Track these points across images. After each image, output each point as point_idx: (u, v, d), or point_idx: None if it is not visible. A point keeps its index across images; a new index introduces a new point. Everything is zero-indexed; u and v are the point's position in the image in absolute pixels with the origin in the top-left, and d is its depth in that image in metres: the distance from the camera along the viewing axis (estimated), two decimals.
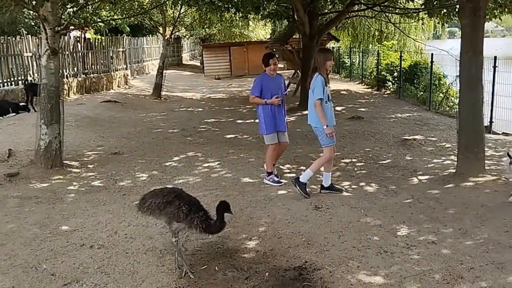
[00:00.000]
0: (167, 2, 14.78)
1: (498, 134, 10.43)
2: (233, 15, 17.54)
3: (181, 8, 16.82)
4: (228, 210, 4.08)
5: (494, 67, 10.60)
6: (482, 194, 5.79)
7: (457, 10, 8.71)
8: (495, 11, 11.59)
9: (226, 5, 14.15)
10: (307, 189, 5.97)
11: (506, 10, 11.28)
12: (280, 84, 6.68)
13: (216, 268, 4.17)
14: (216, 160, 7.89)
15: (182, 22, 21.46)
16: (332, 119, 5.93)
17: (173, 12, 17.89)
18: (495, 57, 10.72)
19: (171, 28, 17.95)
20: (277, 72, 6.69)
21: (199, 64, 32.69)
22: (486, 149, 7.78)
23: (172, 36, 19.41)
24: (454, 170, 6.78)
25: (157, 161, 7.90)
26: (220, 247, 4.63)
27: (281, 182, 6.55)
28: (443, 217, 5.18)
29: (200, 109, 14.61)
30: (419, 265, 4.08)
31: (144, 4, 16.78)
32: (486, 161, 6.92)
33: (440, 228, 4.87)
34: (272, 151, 6.57)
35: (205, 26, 24.71)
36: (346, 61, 25.04)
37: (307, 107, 6.08)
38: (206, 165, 7.65)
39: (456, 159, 6.89)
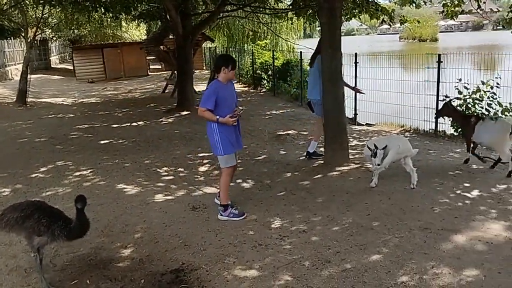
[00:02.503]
0: (26, 2, 13.69)
1: (362, 125, 11.30)
2: (102, 15, 16.81)
3: (44, 8, 15.71)
4: (81, 203, 3.74)
5: (356, 63, 11.46)
6: (347, 182, 6.24)
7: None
8: (354, 10, 12.58)
9: (93, 5, 13.49)
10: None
11: (364, 10, 12.31)
12: (234, 92, 5.36)
13: (88, 281, 3.96)
14: (88, 168, 7.50)
15: (46, 23, 20.06)
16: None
17: (36, 12, 16.66)
18: (356, 54, 11.59)
19: (34, 30, 16.70)
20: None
21: (70, 68, 30.86)
22: (351, 139, 8.42)
23: (37, 38, 18.06)
24: (322, 161, 7.22)
25: (21, 173, 7.29)
26: (93, 258, 4.42)
27: (244, 214, 5.24)
28: (313, 206, 5.48)
29: (72, 115, 13.79)
30: (291, 254, 4.27)
31: (1, 3, 15.40)
32: (351, 151, 7.46)
33: (310, 216, 5.15)
34: (228, 176, 5.31)
35: (73, 27, 23.36)
36: None
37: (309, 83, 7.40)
38: (77, 173, 7.24)
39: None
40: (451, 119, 7.94)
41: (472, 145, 6.76)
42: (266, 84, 17.80)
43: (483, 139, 6.53)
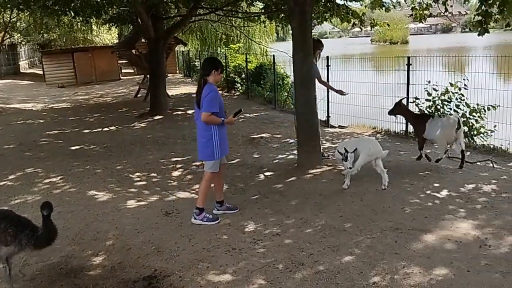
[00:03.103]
0: None
1: (335, 127, 11.40)
2: (72, 19, 16.55)
3: (12, 12, 15.37)
4: (47, 209, 3.67)
5: (327, 66, 11.56)
6: (320, 184, 6.28)
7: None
8: (325, 14, 12.70)
9: (63, 9, 13.25)
10: None
11: (335, 13, 12.44)
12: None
13: None
14: (58, 175, 7.36)
15: (15, 28, 19.63)
16: None
17: (3, 16, 16.29)
18: (328, 57, 11.70)
19: (2, 34, 16.32)
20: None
21: (40, 72, 30.23)
22: (323, 141, 8.49)
23: (5, 43, 17.65)
24: (296, 164, 7.25)
25: None
26: (63, 267, 4.34)
27: (219, 219, 5.25)
28: (286, 209, 5.50)
29: (42, 121, 13.51)
30: (265, 257, 4.27)
31: None
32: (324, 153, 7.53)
33: (284, 219, 5.17)
34: (212, 180, 5.33)
35: (42, 32, 22.92)
36: (197, 65, 25.28)
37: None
38: (47, 181, 7.10)
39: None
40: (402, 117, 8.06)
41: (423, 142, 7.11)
42: (240, 88, 17.81)
43: (434, 135, 6.82)
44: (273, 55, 15.05)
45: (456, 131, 6.54)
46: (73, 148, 9.49)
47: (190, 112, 13.70)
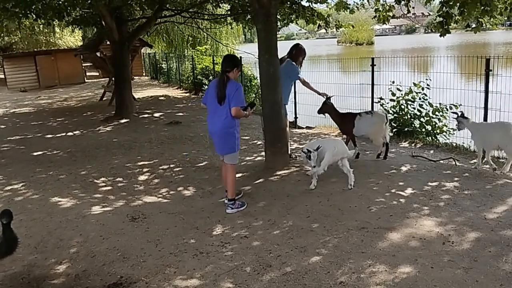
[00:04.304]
0: None
1: (303, 128, 11.48)
2: (34, 22, 16.12)
3: None
4: (6, 217, 3.57)
5: None
6: (288, 185, 6.29)
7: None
8: (290, 16, 12.79)
9: (24, 12, 12.89)
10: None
11: (300, 15, 12.54)
12: None
13: None
14: (20, 181, 7.14)
15: None
16: None
17: None
18: None
19: None
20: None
21: (1, 76, 29.33)
22: (291, 142, 8.50)
23: None
24: (264, 165, 7.24)
25: None
26: (26, 277, 4.20)
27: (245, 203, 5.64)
28: (254, 210, 5.49)
29: (3, 126, 13.12)
30: (232, 260, 4.25)
31: None
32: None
33: (252, 221, 5.16)
34: (235, 171, 5.75)
35: (3, 35, 22.26)
36: (164, 67, 25.05)
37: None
38: (8, 188, 6.88)
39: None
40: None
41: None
42: None
43: (363, 131, 7.28)
44: (240, 57, 15.03)
45: (384, 126, 7.12)
46: (36, 153, 9.24)
47: (156, 115, 13.58)
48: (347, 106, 9.95)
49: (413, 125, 9.41)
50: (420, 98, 9.43)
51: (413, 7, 9.62)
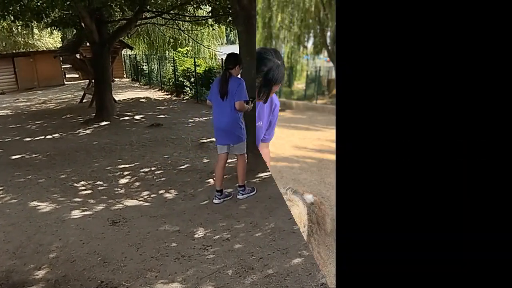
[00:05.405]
0: None
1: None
2: (11, 23, 15.88)
3: None
4: None
5: None
6: (269, 187, 6.30)
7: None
8: None
9: (1, 13, 12.69)
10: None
11: None
12: None
13: None
14: None
15: None
16: None
17: None
18: None
19: None
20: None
21: None
22: None
23: None
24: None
25: None
26: (4, 283, 4.13)
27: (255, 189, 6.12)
28: (236, 213, 5.49)
29: None
30: (214, 263, 4.24)
31: None
32: None
33: (234, 224, 5.15)
34: (245, 158, 6.16)
35: None
36: (145, 69, 24.86)
37: None
38: None
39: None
40: None
41: None
42: (189, 91, 17.66)
43: None
44: (222, 59, 15.01)
45: None
46: (14, 157, 9.09)
47: (137, 117, 13.48)
48: None
49: None
50: None
51: None
